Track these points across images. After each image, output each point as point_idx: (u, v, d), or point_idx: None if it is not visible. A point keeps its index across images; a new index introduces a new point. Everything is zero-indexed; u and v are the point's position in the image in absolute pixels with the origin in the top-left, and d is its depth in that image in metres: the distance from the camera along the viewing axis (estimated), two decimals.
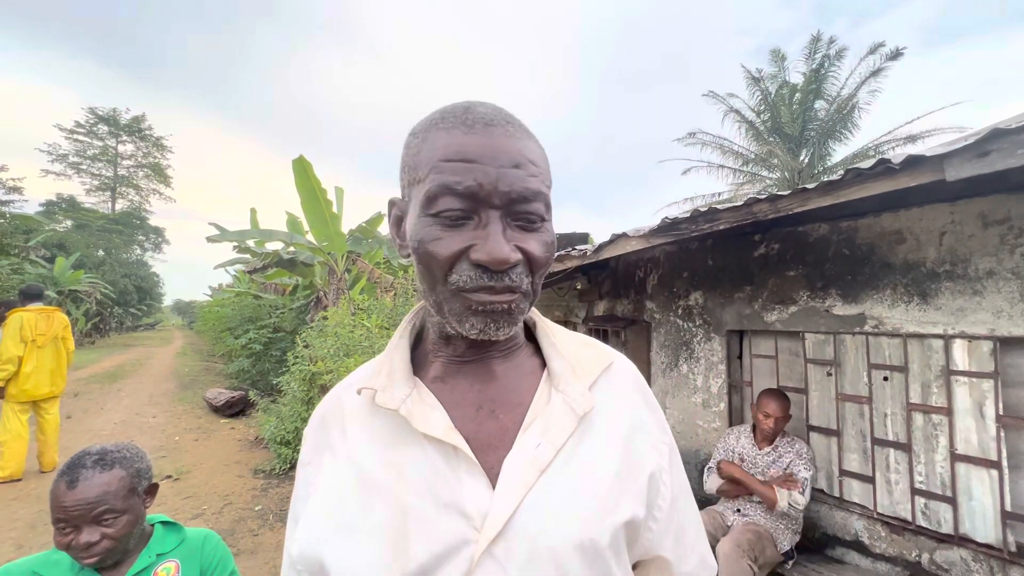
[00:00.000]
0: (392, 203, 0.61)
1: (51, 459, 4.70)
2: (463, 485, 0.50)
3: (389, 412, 0.54)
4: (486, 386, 0.57)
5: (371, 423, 0.56)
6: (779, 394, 2.58)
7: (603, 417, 0.56)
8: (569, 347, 0.62)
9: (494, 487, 0.50)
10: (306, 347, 5.11)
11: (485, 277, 0.50)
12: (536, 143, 0.56)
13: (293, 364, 5.09)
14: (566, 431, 0.53)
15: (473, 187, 0.49)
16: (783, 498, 2.37)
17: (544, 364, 0.60)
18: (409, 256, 0.56)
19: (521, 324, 0.63)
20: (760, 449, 2.57)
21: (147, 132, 33.55)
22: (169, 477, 4.60)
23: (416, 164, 0.53)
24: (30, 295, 4.72)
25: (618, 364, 0.64)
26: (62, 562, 1.08)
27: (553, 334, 0.63)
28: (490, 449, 0.53)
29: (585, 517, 0.50)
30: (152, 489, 1.23)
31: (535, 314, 0.66)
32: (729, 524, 2.54)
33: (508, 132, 0.52)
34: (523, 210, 0.51)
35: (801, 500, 2.35)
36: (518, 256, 0.50)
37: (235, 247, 9.39)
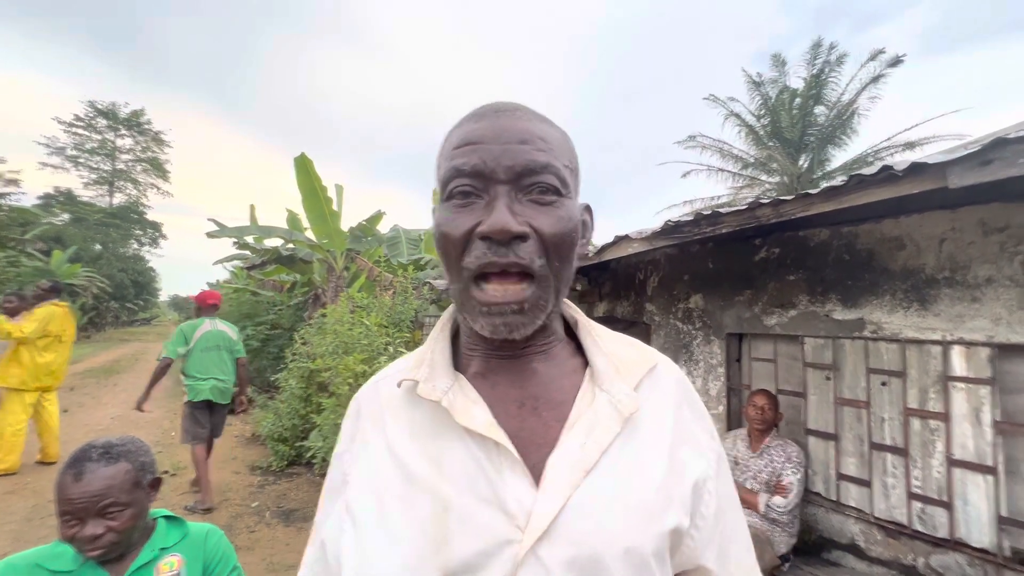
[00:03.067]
0: (434, 211, 0.61)
1: (55, 450, 4.71)
2: (505, 482, 0.48)
3: (430, 404, 0.53)
4: (527, 383, 0.56)
5: (411, 415, 0.55)
6: (766, 391, 2.70)
7: (648, 420, 0.55)
8: (612, 346, 0.60)
9: (537, 486, 0.48)
10: (304, 344, 5.11)
11: (491, 251, 0.49)
12: (550, 126, 0.55)
13: (291, 361, 5.08)
14: (611, 432, 0.51)
15: (478, 165, 0.50)
16: (762, 502, 2.47)
17: (585, 363, 0.58)
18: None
19: (559, 322, 0.62)
20: (754, 452, 2.61)
21: (146, 126, 33.40)
22: (166, 472, 4.59)
23: (439, 163, 0.55)
24: (56, 290, 4.80)
25: (663, 366, 0.61)
26: (66, 554, 1.08)
27: (595, 332, 0.61)
28: (533, 447, 0.51)
29: (631, 523, 0.48)
30: (156, 483, 1.23)
31: (575, 311, 0.63)
32: None
33: (516, 116, 0.53)
34: (531, 182, 0.50)
35: (781, 503, 2.43)
36: (523, 228, 0.49)
37: (234, 243, 9.38)
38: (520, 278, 0.50)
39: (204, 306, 4.27)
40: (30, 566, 1.07)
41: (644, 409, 0.55)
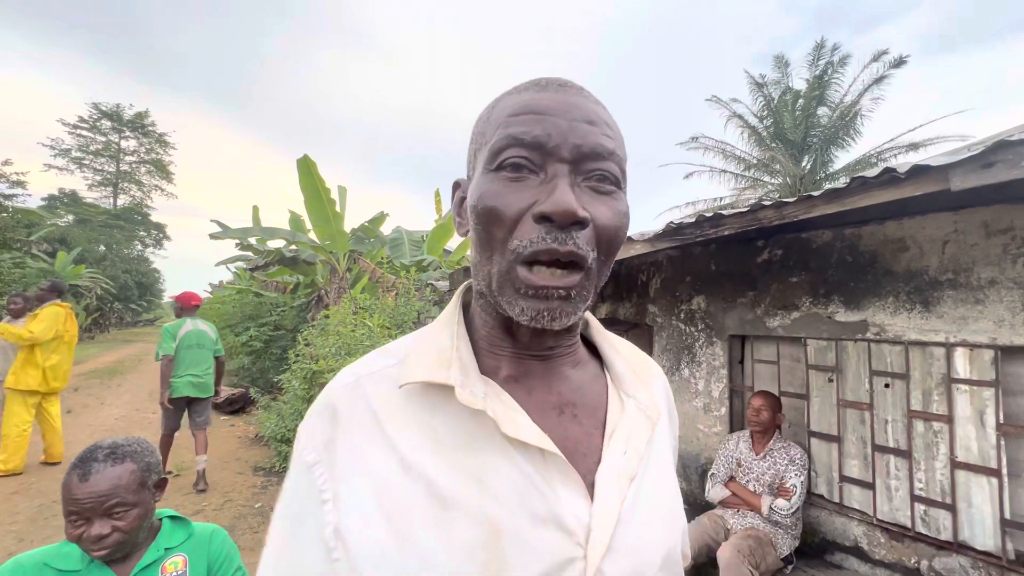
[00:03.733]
0: (456, 184, 0.57)
1: (59, 450, 4.73)
2: (559, 497, 0.44)
3: (457, 412, 0.47)
4: (563, 388, 0.53)
5: (429, 424, 0.47)
6: (767, 392, 2.70)
7: (660, 425, 0.56)
8: (624, 351, 0.59)
9: (590, 498, 0.46)
10: (307, 345, 5.12)
11: (549, 237, 0.43)
12: (611, 116, 0.51)
13: (294, 362, 5.09)
14: (645, 439, 0.51)
15: (541, 136, 0.45)
16: (765, 505, 2.46)
17: (600, 366, 0.58)
18: (468, 234, 0.51)
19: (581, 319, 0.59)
20: (757, 454, 2.60)
21: (150, 128, 33.53)
22: (169, 473, 4.60)
23: (484, 129, 0.50)
24: (57, 290, 4.79)
25: (658, 371, 0.64)
26: (72, 554, 1.10)
27: (608, 335, 0.60)
28: (579, 456, 0.48)
29: (667, 527, 0.50)
30: (161, 483, 1.24)
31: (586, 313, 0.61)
32: (729, 527, 2.56)
33: (583, 94, 0.49)
34: (595, 167, 0.46)
35: (784, 505, 2.42)
36: (586, 214, 0.44)
37: (237, 244, 9.41)
38: (573, 267, 0.45)
39: (187, 307, 4.56)
40: (37, 565, 1.08)
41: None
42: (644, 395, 0.54)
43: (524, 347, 0.52)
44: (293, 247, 8.18)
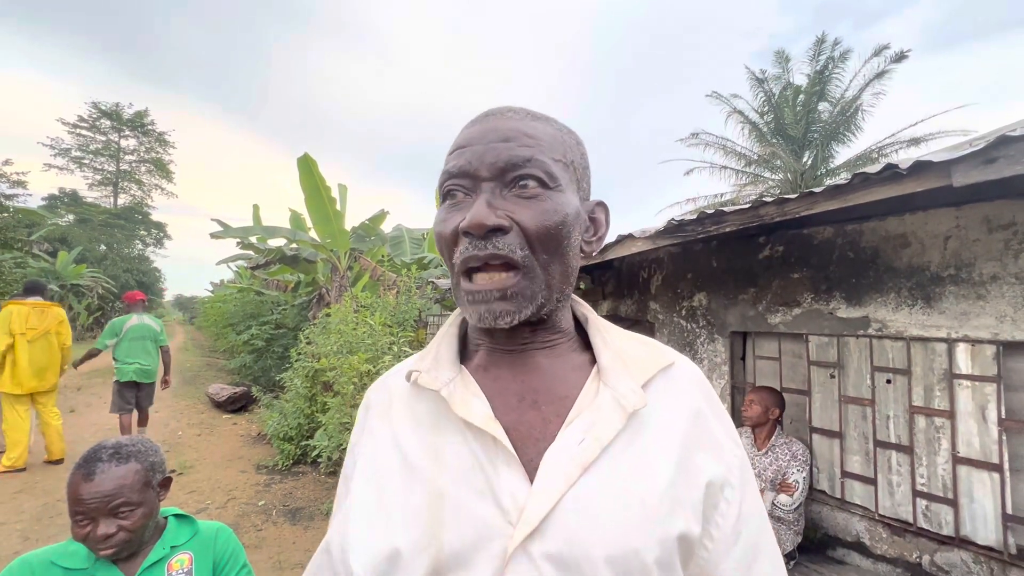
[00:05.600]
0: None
1: (59, 448, 4.72)
2: (500, 476, 0.48)
3: (432, 396, 0.54)
4: (530, 377, 0.56)
5: (415, 407, 0.56)
6: (761, 387, 2.73)
7: (659, 419, 0.52)
8: (622, 343, 0.58)
9: (532, 481, 0.47)
10: (309, 344, 5.13)
11: (471, 247, 0.50)
12: (544, 123, 0.56)
13: (296, 361, 5.11)
14: (613, 428, 0.49)
15: (464, 165, 0.53)
16: (767, 500, 2.46)
17: (594, 361, 0.57)
18: None
19: (569, 319, 0.61)
20: (759, 450, 2.61)
21: (150, 127, 33.48)
22: (173, 472, 4.62)
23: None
24: (28, 289, 4.82)
25: (681, 365, 0.58)
26: (79, 553, 1.10)
27: (605, 330, 0.60)
28: (530, 441, 0.51)
29: (631, 524, 0.46)
30: (166, 482, 1.25)
31: (587, 308, 0.63)
32: None
33: (505, 117, 0.55)
34: (514, 176, 0.52)
35: (787, 501, 2.43)
36: (499, 221, 0.50)
37: (238, 243, 9.41)
38: (505, 268, 0.51)
39: (132, 303, 5.36)
40: (44, 564, 1.08)
41: (655, 407, 0.53)
42: (624, 386, 0.52)
43: (498, 342, 0.57)
44: (294, 246, 8.19)
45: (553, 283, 0.54)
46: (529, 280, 0.51)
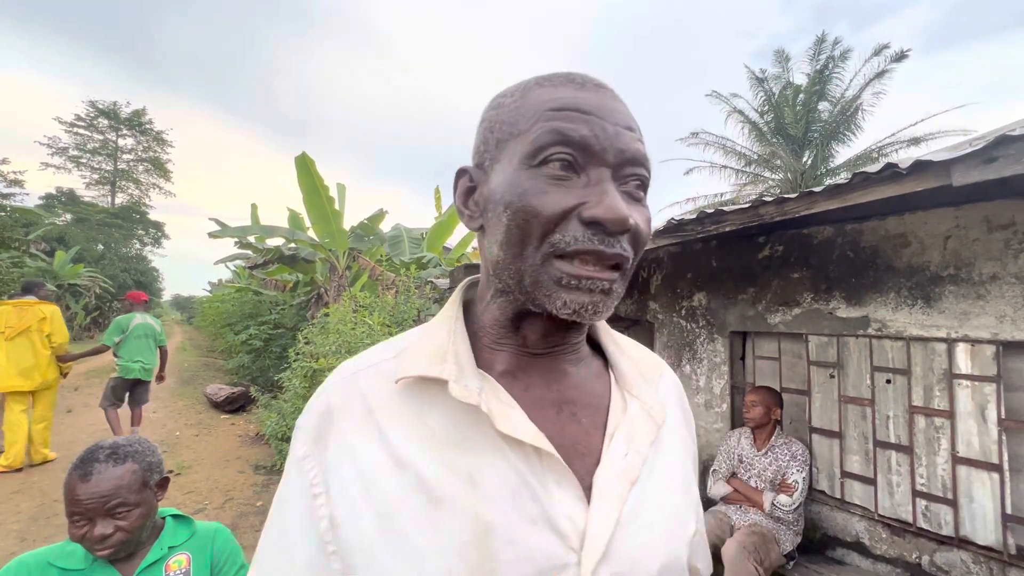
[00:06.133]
0: (462, 172, 0.53)
1: (37, 452, 4.65)
2: (552, 498, 0.43)
3: (451, 406, 0.45)
4: (562, 385, 0.51)
5: (421, 420, 0.46)
6: (762, 387, 2.72)
7: (667, 427, 0.54)
8: (630, 350, 0.58)
9: (587, 501, 0.45)
10: (307, 343, 5.11)
11: (596, 239, 0.43)
12: None
13: (294, 360, 5.09)
14: (648, 441, 0.49)
15: (589, 137, 0.44)
16: (767, 501, 2.47)
17: (605, 365, 0.56)
18: (480, 228, 0.50)
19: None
20: (759, 450, 2.61)
21: (147, 126, 33.38)
22: (171, 472, 4.61)
23: (514, 119, 0.48)
24: (24, 288, 4.89)
25: (667, 371, 0.61)
26: (76, 553, 1.10)
27: (613, 334, 0.59)
28: (576, 456, 0.47)
29: (670, 532, 0.48)
30: (163, 483, 1.24)
31: None
32: (733, 524, 2.56)
33: (618, 98, 0.49)
34: (633, 173, 0.46)
35: (786, 501, 2.43)
36: (636, 222, 0.45)
37: (236, 243, 9.40)
38: (615, 268, 0.46)
39: (136, 303, 5.50)
40: (42, 564, 1.08)
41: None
42: (649, 396, 0.52)
43: (527, 344, 0.50)
44: (292, 245, 8.18)
45: (625, 287, 0.50)
46: (625, 281, 0.47)
